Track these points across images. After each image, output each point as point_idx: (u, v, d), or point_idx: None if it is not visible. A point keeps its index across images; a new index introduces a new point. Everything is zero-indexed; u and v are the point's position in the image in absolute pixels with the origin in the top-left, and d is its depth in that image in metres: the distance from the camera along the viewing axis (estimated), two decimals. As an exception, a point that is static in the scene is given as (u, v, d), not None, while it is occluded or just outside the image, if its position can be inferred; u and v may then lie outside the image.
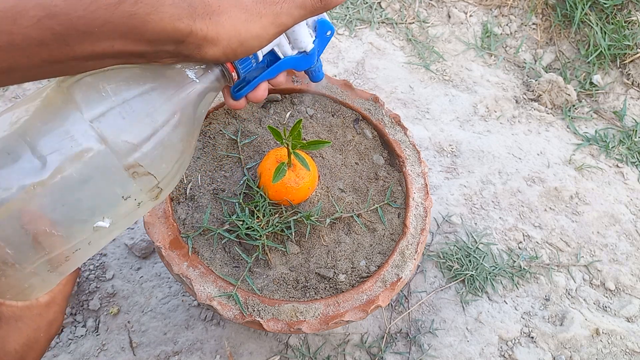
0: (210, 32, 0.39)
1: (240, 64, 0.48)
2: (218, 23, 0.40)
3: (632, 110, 1.41)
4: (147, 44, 0.38)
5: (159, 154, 0.43)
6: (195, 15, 0.38)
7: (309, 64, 0.54)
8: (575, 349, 0.98)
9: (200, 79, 0.46)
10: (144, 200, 0.45)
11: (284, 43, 0.51)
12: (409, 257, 0.71)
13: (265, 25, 0.42)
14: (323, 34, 0.53)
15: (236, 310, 0.64)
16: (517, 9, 1.54)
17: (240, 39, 0.41)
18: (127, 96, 0.41)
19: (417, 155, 0.80)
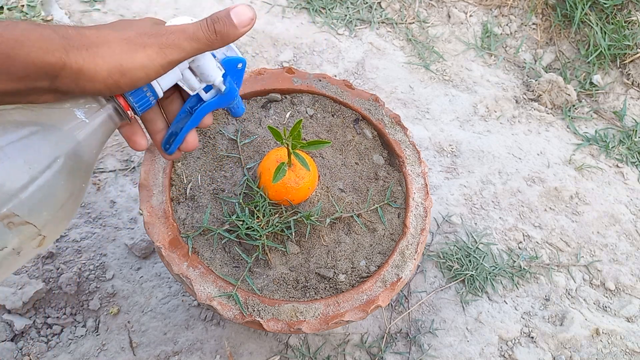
0: (87, 64, 0.37)
1: (133, 98, 0.45)
2: (96, 54, 0.37)
3: (632, 110, 1.41)
4: (16, 81, 0.35)
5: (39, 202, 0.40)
6: (69, 47, 0.36)
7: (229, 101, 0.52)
8: (575, 349, 0.98)
9: (91, 118, 0.43)
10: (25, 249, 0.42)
11: (190, 77, 0.48)
12: (409, 257, 0.71)
13: (150, 55, 0.40)
14: (233, 68, 0.51)
15: (236, 310, 0.64)
16: (517, 9, 1.54)
17: (122, 70, 0.39)
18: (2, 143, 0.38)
19: (417, 155, 0.80)
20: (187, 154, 0.75)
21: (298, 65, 1.32)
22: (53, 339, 0.87)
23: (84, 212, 1.00)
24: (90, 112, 0.43)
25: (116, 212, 1.01)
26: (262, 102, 0.83)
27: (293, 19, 1.41)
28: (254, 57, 1.31)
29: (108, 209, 1.02)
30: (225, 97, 0.51)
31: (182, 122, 0.51)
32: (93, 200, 1.02)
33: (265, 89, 0.82)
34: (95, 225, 0.99)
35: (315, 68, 1.33)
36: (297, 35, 1.37)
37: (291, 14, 1.43)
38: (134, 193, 1.04)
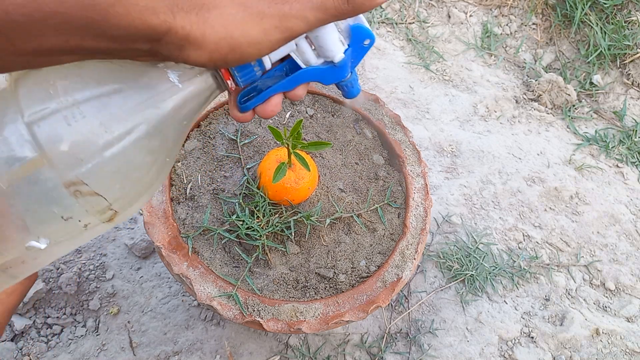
0: (195, 31, 0.32)
1: (238, 71, 0.39)
2: (206, 20, 0.32)
3: (632, 110, 1.41)
4: (112, 40, 0.31)
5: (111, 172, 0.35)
6: (176, 9, 0.31)
7: (339, 78, 0.43)
8: (575, 349, 0.98)
9: (185, 84, 0.38)
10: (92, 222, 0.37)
11: (306, 49, 0.41)
12: (409, 257, 0.71)
13: (267, 29, 0.34)
14: (359, 42, 0.41)
15: (236, 310, 0.64)
16: (517, 9, 1.54)
17: (233, 44, 0.33)
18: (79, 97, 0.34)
19: (417, 155, 0.80)
20: (187, 153, 0.75)
21: (298, 65, 1.32)
22: (53, 339, 0.87)
23: (84, 212, 1.00)
24: (186, 76, 0.38)
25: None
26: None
27: (293, 19, 1.41)
28: (254, 57, 1.31)
29: (108, 209, 1.01)
30: (335, 71, 0.42)
31: (273, 80, 0.42)
32: (93, 200, 1.02)
33: (265, 89, 0.82)
34: (95, 225, 0.99)
35: (315, 68, 1.33)
36: (297, 35, 1.37)
37: (291, 14, 1.43)
38: (134, 193, 1.04)
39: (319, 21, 0.35)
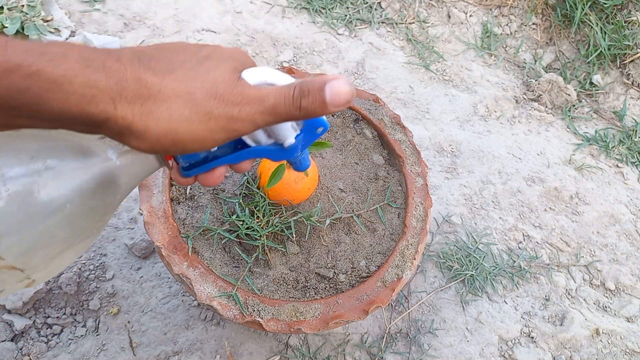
0: (137, 123, 0.30)
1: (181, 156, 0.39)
2: (150, 114, 0.31)
3: (632, 110, 1.41)
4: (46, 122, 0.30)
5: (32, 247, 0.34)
6: (119, 98, 0.30)
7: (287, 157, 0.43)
8: (575, 349, 0.98)
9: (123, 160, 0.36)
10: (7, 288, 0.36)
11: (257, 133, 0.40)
12: (409, 257, 0.71)
13: (213, 129, 0.33)
14: (312, 130, 0.41)
15: (236, 310, 0.64)
16: (517, 9, 1.54)
17: (175, 139, 0.32)
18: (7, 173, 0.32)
19: (417, 155, 0.80)
20: (187, 154, 0.75)
21: (298, 65, 1.32)
22: (53, 339, 0.87)
23: (84, 212, 1.00)
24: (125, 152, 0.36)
25: (116, 212, 1.01)
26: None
27: (293, 19, 1.41)
28: (254, 57, 1.30)
29: (108, 209, 1.01)
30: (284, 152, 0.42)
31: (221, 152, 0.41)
32: (93, 200, 1.02)
33: (265, 89, 0.82)
34: (95, 225, 0.99)
35: (315, 68, 1.33)
36: (297, 35, 1.37)
37: (291, 14, 1.43)
38: (134, 193, 1.04)
39: (267, 123, 0.35)
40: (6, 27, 1.16)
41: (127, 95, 0.30)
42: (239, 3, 1.41)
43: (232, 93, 0.33)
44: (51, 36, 1.21)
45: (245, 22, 1.37)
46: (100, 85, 0.29)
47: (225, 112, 0.33)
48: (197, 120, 0.32)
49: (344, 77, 0.35)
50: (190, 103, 0.32)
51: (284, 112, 0.34)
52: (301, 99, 0.34)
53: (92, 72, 0.29)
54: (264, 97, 0.34)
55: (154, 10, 1.34)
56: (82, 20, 1.28)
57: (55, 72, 0.28)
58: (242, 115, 0.33)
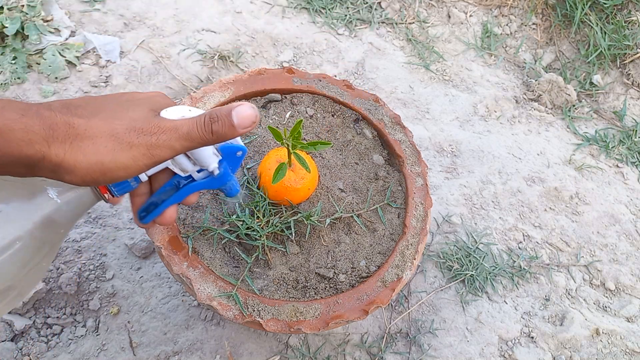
0: (68, 159, 0.36)
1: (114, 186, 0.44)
2: (79, 149, 0.36)
3: (632, 110, 1.41)
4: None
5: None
6: (52, 140, 0.35)
7: (222, 183, 0.49)
8: (575, 349, 0.98)
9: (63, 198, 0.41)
10: None
11: (182, 161, 0.46)
12: (409, 257, 0.71)
13: (135, 156, 0.38)
14: (232, 155, 0.48)
15: (236, 310, 0.64)
16: (517, 9, 1.54)
17: (103, 169, 0.37)
18: None
19: (417, 155, 0.80)
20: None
21: (298, 65, 1.32)
22: (53, 339, 0.87)
23: (84, 212, 1.00)
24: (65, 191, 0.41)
25: (116, 212, 1.01)
26: (262, 102, 0.83)
27: (293, 19, 1.41)
28: (254, 57, 1.31)
29: (108, 209, 1.02)
30: (217, 180, 0.49)
31: (166, 195, 0.48)
32: (93, 200, 1.02)
33: (265, 89, 0.82)
34: (95, 225, 0.99)
35: (315, 68, 1.33)
36: (297, 35, 1.37)
37: (291, 14, 1.43)
38: (134, 193, 1.04)
39: (185, 148, 0.40)
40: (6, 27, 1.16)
41: (59, 136, 0.35)
42: (239, 3, 1.41)
43: (149, 126, 0.38)
44: (51, 36, 1.21)
45: (245, 22, 1.37)
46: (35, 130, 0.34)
47: (144, 141, 0.38)
48: (120, 150, 0.37)
49: (248, 103, 0.41)
50: (113, 137, 0.37)
51: (198, 137, 0.39)
52: (212, 125, 0.40)
53: (28, 120, 0.34)
54: (178, 127, 0.39)
55: (154, 10, 1.34)
56: (82, 20, 1.28)
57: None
58: (160, 143, 0.38)
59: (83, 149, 0.36)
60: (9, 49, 1.16)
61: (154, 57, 1.25)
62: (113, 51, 1.24)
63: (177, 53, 1.27)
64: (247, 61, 1.29)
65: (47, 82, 1.17)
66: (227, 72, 1.26)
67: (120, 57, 1.24)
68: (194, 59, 1.26)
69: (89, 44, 1.23)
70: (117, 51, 1.24)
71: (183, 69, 1.24)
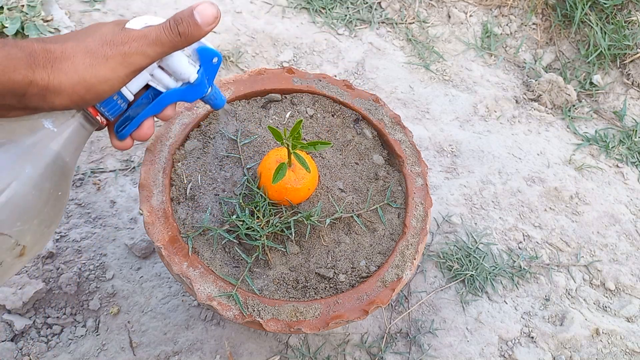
0: (53, 81, 0.38)
1: (104, 107, 0.45)
2: (60, 70, 0.38)
3: (632, 110, 1.41)
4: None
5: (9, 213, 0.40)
6: (35, 65, 0.37)
7: (200, 94, 0.50)
8: (575, 349, 0.98)
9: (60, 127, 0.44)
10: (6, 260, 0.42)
11: (163, 76, 0.47)
12: (409, 257, 0.71)
13: (113, 67, 0.40)
14: (208, 61, 0.48)
15: (236, 310, 0.64)
16: (517, 9, 1.54)
17: (87, 85, 0.39)
18: None
19: (417, 155, 0.80)
20: (188, 153, 0.75)
21: (298, 65, 1.32)
22: (53, 339, 0.87)
23: (84, 212, 1.00)
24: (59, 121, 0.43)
25: (116, 212, 1.01)
26: (262, 102, 0.83)
27: (293, 19, 1.41)
28: (254, 57, 1.31)
29: (108, 209, 1.02)
30: (194, 89, 0.49)
31: (142, 107, 0.49)
32: (93, 200, 1.02)
33: (265, 89, 0.82)
34: (95, 225, 0.99)
35: (315, 68, 1.33)
36: (297, 35, 1.37)
37: (291, 14, 1.43)
38: (134, 193, 1.04)
39: (158, 54, 0.42)
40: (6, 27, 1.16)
41: (40, 62, 0.37)
42: (239, 3, 1.41)
43: (119, 37, 0.41)
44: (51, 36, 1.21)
45: (245, 22, 1.37)
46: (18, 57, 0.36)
47: (118, 51, 0.40)
48: (97, 64, 0.39)
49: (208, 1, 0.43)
50: (88, 53, 0.39)
51: (167, 40, 0.42)
52: (177, 27, 0.42)
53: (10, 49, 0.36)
54: (146, 34, 0.41)
55: (154, 10, 1.34)
56: (82, 20, 1.28)
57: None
58: (133, 50, 0.41)
59: (64, 70, 0.38)
60: (9, 49, 1.16)
61: (154, 57, 1.25)
62: (113, 51, 1.23)
63: (177, 53, 1.27)
64: (247, 61, 1.29)
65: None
66: (227, 72, 1.26)
67: (120, 57, 1.23)
68: (194, 59, 1.26)
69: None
70: (117, 51, 1.24)
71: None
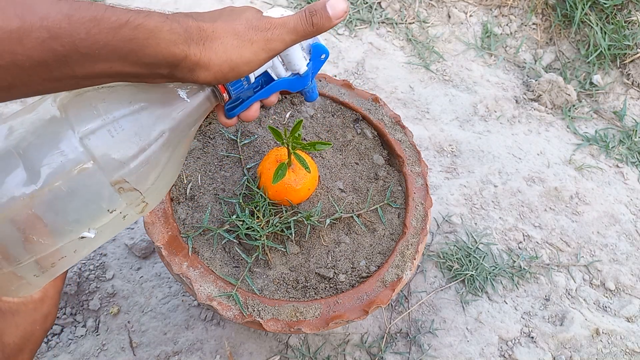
0: (203, 58, 0.41)
1: (231, 86, 0.50)
2: (211, 49, 0.41)
3: (632, 110, 1.41)
4: (143, 66, 0.39)
5: (145, 171, 0.44)
6: (190, 41, 0.40)
7: (302, 85, 0.55)
8: (575, 349, 0.98)
9: (192, 98, 0.48)
10: (129, 213, 0.46)
11: (278, 65, 0.52)
12: (409, 257, 0.71)
13: (256, 51, 0.44)
14: (317, 57, 0.54)
15: (236, 310, 0.64)
16: (517, 9, 1.54)
17: (232, 64, 0.43)
18: (117, 115, 0.43)
19: (417, 155, 0.80)
20: (188, 153, 0.75)
21: (298, 65, 1.32)
22: (53, 339, 0.87)
23: (84, 212, 1.00)
24: (192, 92, 0.48)
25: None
26: (262, 102, 0.83)
27: (293, 19, 1.41)
28: (254, 57, 1.30)
29: (108, 209, 1.01)
30: (300, 80, 0.54)
31: (252, 92, 0.53)
32: (93, 200, 1.02)
33: (265, 89, 0.82)
34: (95, 225, 0.99)
35: (315, 68, 1.33)
36: (297, 35, 1.37)
37: (291, 14, 1.43)
38: (134, 193, 1.04)
39: (292, 41, 0.46)
40: (6, 27, 1.15)
41: (194, 38, 0.40)
42: (239, 3, 1.41)
43: (263, 23, 0.44)
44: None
45: (245, 22, 1.37)
46: (178, 31, 0.39)
47: (262, 36, 0.44)
48: (243, 46, 0.43)
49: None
50: (236, 36, 0.43)
51: (302, 29, 0.45)
52: (312, 17, 0.45)
53: (172, 23, 0.39)
54: (286, 22, 0.45)
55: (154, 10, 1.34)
56: (82, 20, 1.28)
57: (151, 24, 0.38)
58: (274, 37, 0.44)
59: (214, 49, 0.41)
60: (9, 49, 1.16)
61: (154, 57, 1.25)
62: (113, 51, 1.23)
63: (177, 53, 1.27)
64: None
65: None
66: (227, 72, 1.26)
67: (120, 57, 1.24)
68: (194, 59, 1.26)
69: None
70: (117, 51, 1.24)
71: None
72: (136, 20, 0.37)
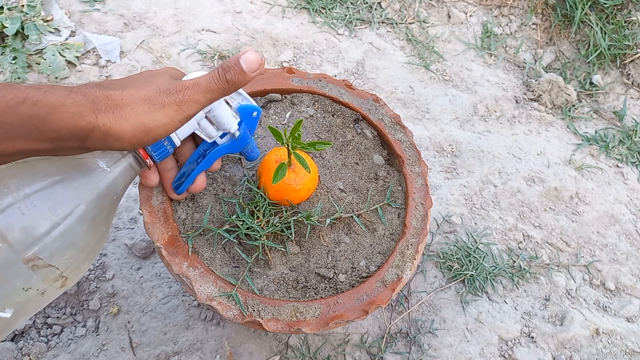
0: (115, 126, 0.40)
1: (153, 150, 0.49)
2: (121, 116, 0.41)
3: (632, 110, 1.41)
4: (49, 142, 0.38)
5: (60, 246, 0.43)
6: (97, 111, 0.40)
7: (242, 146, 0.55)
8: (575, 349, 0.98)
9: (112, 167, 0.47)
10: (48, 289, 0.45)
11: (207, 126, 0.52)
12: (409, 257, 0.71)
13: (170, 114, 0.43)
14: (248, 115, 0.54)
15: (236, 310, 0.64)
16: (517, 9, 1.54)
17: (145, 129, 0.42)
18: (28, 191, 0.42)
19: (417, 155, 0.80)
20: (187, 154, 0.75)
21: (298, 65, 1.32)
22: (53, 339, 0.87)
23: (84, 212, 1.00)
24: (112, 161, 0.47)
25: (117, 212, 1.01)
26: (262, 102, 0.83)
27: (293, 19, 1.41)
28: (254, 57, 1.30)
29: (108, 209, 1.01)
30: (238, 143, 0.55)
31: (195, 164, 0.54)
32: (93, 200, 1.02)
33: (265, 89, 0.82)
34: (95, 225, 0.99)
35: (315, 68, 1.33)
36: (297, 35, 1.37)
37: (291, 14, 1.43)
38: (134, 193, 1.04)
39: (208, 101, 0.45)
40: (6, 27, 1.16)
41: (102, 108, 0.40)
42: (239, 3, 1.41)
43: (174, 86, 0.44)
44: (51, 36, 1.21)
45: (245, 22, 1.37)
46: (83, 104, 0.39)
47: (174, 99, 0.44)
48: (155, 110, 0.43)
49: (252, 49, 0.47)
50: (147, 101, 0.43)
51: (216, 87, 0.45)
52: (226, 75, 0.45)
53: (75, 96, 0.39)
54: (198, 82, 0.45)
55: (154, 10, 1.34)
56: (82, 20, 1.28)
57: (51, 99, 0.37)
58: (187, 98, 0.44)
59: (125, 116, 0.41)
60: (9, 49, 1.16)
61: (154, 57, 1.25)
62: (113, 51, 1.24)
63: (177, 53, 1.27)
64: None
65: (47, 82, 1.17)
66: (227, 72, 1.26)
67: (120, 57, 1.24)
68: (194, 59, 1.26)
69: (89, 44, 1.23)
70: (117, 51, 1.24)
71: (183, 69, 1.24)
72: (35, 97, 0.37)
